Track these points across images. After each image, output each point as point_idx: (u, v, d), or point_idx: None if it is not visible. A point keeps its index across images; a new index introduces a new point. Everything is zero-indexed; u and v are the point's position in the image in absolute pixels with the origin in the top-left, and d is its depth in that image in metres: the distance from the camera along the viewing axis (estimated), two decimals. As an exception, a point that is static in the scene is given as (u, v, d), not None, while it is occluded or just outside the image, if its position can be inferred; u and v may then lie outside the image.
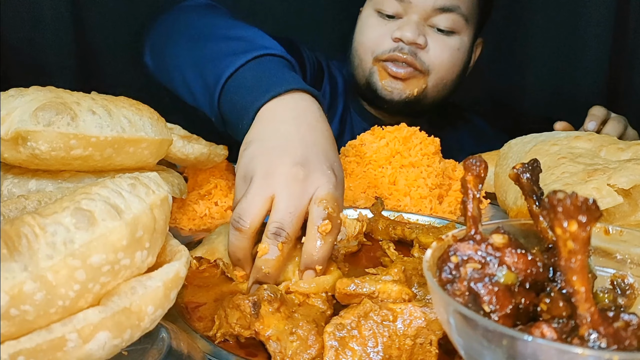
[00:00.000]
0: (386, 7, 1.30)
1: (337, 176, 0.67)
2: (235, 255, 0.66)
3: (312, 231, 0.63)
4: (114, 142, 0.68)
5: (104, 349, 0.40)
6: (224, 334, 0.58)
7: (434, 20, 1.29)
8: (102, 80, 1.61)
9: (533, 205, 0.48)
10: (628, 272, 0.48)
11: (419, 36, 1.27)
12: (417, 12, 1.28)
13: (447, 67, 1.33)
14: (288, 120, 0.71)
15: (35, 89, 0.68)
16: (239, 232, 0.64)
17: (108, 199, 0.42)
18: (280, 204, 0.63)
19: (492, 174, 1.02)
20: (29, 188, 0.70)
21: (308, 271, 0.64)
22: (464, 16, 1.31)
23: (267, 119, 0.73)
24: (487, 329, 0.35)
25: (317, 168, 0.66)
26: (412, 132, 1.06)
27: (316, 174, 0.65)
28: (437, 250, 0.44)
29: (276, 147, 0.68)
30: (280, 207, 0.63)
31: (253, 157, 0.68)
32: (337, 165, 0.69)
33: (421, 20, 1.28)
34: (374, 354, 0.51)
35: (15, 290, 0.35)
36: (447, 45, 1.31)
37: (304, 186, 0.64)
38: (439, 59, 1.31)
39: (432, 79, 1.32)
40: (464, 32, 1.33)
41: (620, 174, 0.71)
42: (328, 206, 0.63)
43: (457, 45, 1.33)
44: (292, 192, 0.63)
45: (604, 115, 1.20)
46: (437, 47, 1.30)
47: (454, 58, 1.33)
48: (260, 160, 0.66)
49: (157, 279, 0.44)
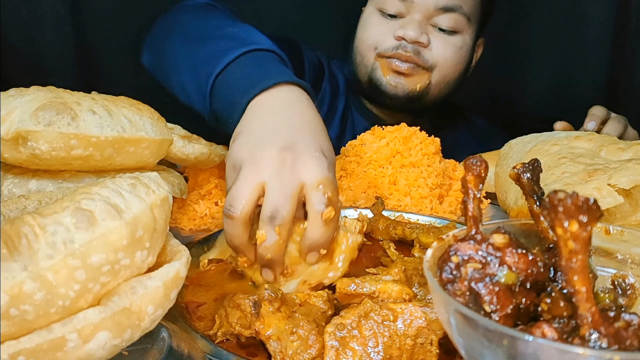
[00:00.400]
0: (388, 6, 1.30)
1: (327, 157, 0.67)
2: (232, 243, 0.66)
3: (316, 219, 0.63)
4: (115, 142, 0.68)
5: (104, 349, 0.39)
6: (224, 334, 0.58)
7: (436, 20, 1.29)
8: (102, 80, 1.61)
9: (534, 205, 0.48)
10: (629, 272, 0.48)
11: (422, 35, 1.27)
12: (420, 12, 1.28)
13: (451, 65, 1.33)
14: (276, 111, 0.72)
15: (35, 89, 0.68)
16: (231, 219, 0.64)
17: (108, 198, 0.42)
18: (271, 188, 0.63)
19: (492, 174, 1.02)
20: (29, 188, 0.70)
21: (312, 252, 0.65)
22: (466, 15, 1.31)
23: (255, 112, 0.73)
24: (487, 329, 0.35)
25: (305, 151, 0.65)
26: (412, 132, 1.06)
27: (304, 157, 0.65)
28: (437, 250, 0.44)
29: (263, 134, 0.68)
30: (271, 192, 0.63)
31: (241, 146, 0.68)
32: (326, 147, 0.69)
33: (423, 19, 1.28)
34: (375, 354, 0.51)
35: (15, 290, 0.35)
36: (450, 43, 1.31)
37: (293, 170, 0.64)
38: (443, 56, 1.31)
39: (435, 75, 1.32)
40: (466, 31, 1.33)
41: (621, 174, 0.71)
42: (327, 190, 0.63)
43: (459, 44, 1.33)
44: (282, 176, 0.63)
45: (603, 115, 1.20)
46: (439, 46, 1.30)
47: (457, 56, 1.34)
48: (248, 148, 0.67)
49: (157, 279, 0.44)
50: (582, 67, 1.78)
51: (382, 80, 1.33)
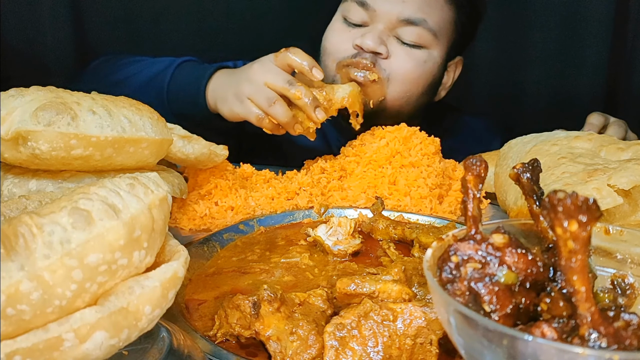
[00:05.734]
0: (352, 14, 1.27)
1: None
2: (284, 119, 1.02)
3: (308, 73, 1.04)
4: (114, 142, 0.67)
5: (101, 349, 0.39)
6: (224, 334, 0.58)
7: (399, 32, 1.24)
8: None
9: (533, 205, 0.48)
10: (628, 271, 0.48)
11: (380, 45, 1.22)
12: (382, 22, 1.24)
13: (411, 79, 1.27)
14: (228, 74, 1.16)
15: (35, 89, 0.68)
16: (278, 102, 1.02)
17: (106, 198, 0.42)
18: (274, 71, 1.04)
19: (492, 174, 1.02)
20: (29, 188, 0.70)
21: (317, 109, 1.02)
22: (432, 31, 1.26)
23: (213, 87, 1.16)
24: (487, 329, 0.35)
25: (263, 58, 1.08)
26: (412, 132, 1.06)
27: (266, 58, 1.08)
28: (437, 250, 0.44)
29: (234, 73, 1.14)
30: (276, 74, 1.03)
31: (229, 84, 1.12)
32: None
33: (385, 30, 1.24)
34: (374, 353, 0.51)
35: (12, 290, 0.35)
36: (411, 56, 1.26)
37: (268, 61, 1.07)
38: (402, 68, 1.25)
39: (392, 89, 1.26)
40: (432, 47, 1.28)
41: (621, 175, 0.71)
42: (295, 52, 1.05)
43: (423, 58, 1.27)
44: (269, 66, 1.05)
45: (601, 122, 1.19)
46: (399, 57, 1.25)
47: (418, 70, 1.27)
48: (236, 80, 1.10)
49: (154, 279, 0.43)
50: (582, 67, 1.78)
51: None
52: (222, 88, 1.14)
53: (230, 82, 1.12)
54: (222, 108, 1.12)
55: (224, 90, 1.12)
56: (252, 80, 1.06)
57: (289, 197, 1.01)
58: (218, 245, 0.84)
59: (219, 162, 0.93)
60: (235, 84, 1.09)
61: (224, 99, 1.11)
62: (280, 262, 0.79)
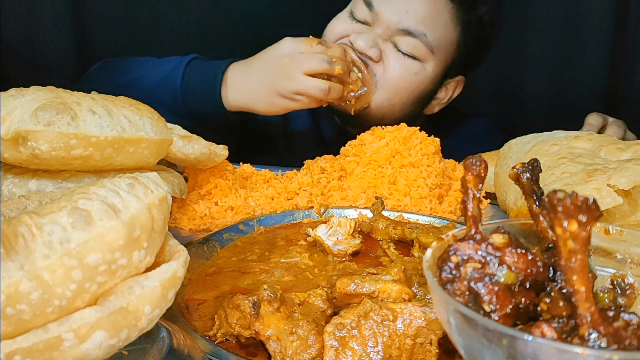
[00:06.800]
0: (358, 10, 1.28)
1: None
2: (341, 93, 1.15)
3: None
4: (114, 142, 0.67)
5: (101, 349, 0.39)
6: (224, 334, 0.58)
7: (396, 39, 1.25)
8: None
9: (533, 205, 0.48)
10: (628, 271, 0.48)
11: (371, 48, 1.23)
12: (382, 26, 1.25)
13: (399, 88, 1.27)
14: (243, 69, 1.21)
15: (35, 89, 0.68)
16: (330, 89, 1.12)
17: (105, 198, 0.41)
18: (313, 58, 1.11)
19: (492, 174, 1.02)
20: (29, 188, 0.70)
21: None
22: (429, 46, 1.26)
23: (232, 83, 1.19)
24: (487, 329, 0.35)
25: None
26: (412, 132, 1.06)
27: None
28: (437, 250, 0.44)
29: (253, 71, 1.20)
30: (315, 60, 1.11)
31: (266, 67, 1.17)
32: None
33: (383, 34, 1.25)
34: (374, 353, 0.51)
35: (12, 290, 0.35)
36: (403, 64, 1.26)
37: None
38: (391, 75, 1.26)
39: (378, 95, 1.27)
40: (427, 60, 1.28)
41: (620, 175, 0.71)
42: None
43: (415, 69, 1.27)
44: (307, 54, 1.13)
45: (600, 123, 1.19)
46: (391, 63, 1.25)
47: (408, 80, 1.27)
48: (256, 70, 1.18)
49: (154, 279, 0.43)
50: (582, 67, 1.78)
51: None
52: (245, 85, 1.17)
53: (256, 78, 1.15)
54: (257, 106, 1.17)
55: (252, 88, 1.15)
56: (291, 76, 1.08)
57: (289, 197, 1.01)
58: (218, 245, 0.84)
59: (219, 162, 0.93)
60: (270, 82, 1.11)
61: (257, 98, 1.15)
62: (280, 262, 0.79)
